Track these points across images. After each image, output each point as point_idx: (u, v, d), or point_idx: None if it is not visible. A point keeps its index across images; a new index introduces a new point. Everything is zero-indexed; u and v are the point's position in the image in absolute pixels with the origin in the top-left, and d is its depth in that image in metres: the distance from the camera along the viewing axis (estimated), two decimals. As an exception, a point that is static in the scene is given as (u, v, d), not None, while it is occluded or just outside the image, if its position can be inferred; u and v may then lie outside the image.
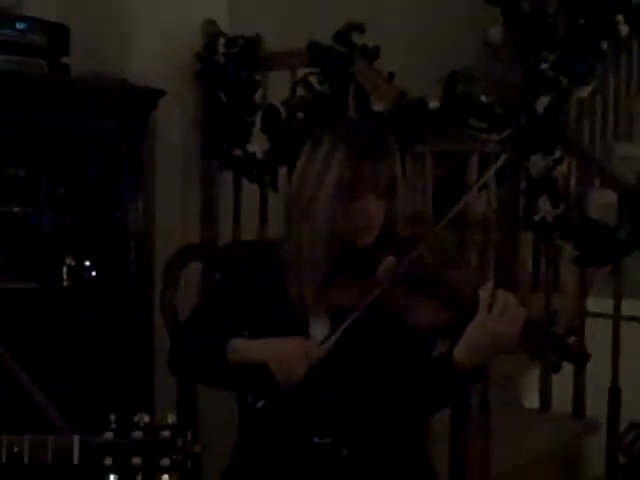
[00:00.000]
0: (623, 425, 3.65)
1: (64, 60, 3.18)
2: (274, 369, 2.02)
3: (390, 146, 2.16)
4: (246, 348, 2.09)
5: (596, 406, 3.98)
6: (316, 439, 2.13)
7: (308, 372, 2.04)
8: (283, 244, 2.19)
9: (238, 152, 3.51)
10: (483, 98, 3.17)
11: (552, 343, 2.00)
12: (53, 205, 3.19)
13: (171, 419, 1.73)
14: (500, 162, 2.15)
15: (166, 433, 1.71)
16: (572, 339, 2.02)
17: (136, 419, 1.71)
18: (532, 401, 4.18)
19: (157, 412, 1.76)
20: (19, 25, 3.08)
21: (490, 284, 1.99)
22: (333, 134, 2.14)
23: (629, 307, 3.86)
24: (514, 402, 4.11)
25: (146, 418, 1.71)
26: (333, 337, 2.03)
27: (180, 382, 2.43)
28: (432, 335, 2.14)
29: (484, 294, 1.97)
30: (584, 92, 4.40)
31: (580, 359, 2.05)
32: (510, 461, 3.48)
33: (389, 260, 2.07)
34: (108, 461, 1.69)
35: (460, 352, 2.01)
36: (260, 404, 2.08)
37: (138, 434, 1.70)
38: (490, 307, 1.96)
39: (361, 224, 2.11)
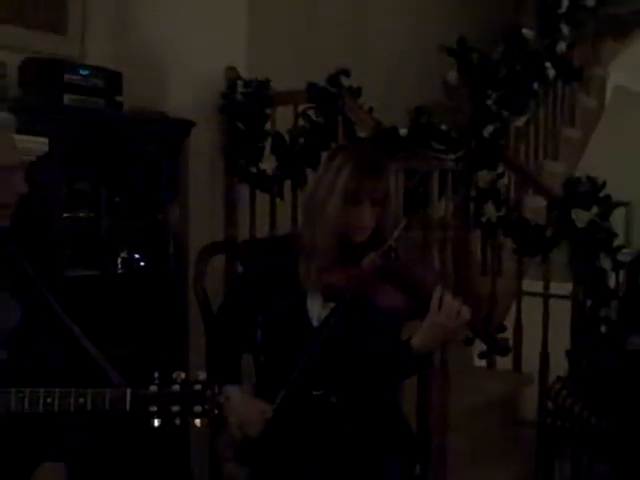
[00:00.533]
0: (551, 378, 3.65)
1: (118, 98, 3.16)
2: (234, 430, 2.08)
3: (387, 167, 2.19)
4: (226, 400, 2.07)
5: (530, 364, 3.98)
6: (314, 392, 2.15)
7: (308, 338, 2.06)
8: (302, 234, 2.21)
9: (253, 169, 3.51)
10: (442, 126, 3.17)
11: (484, 337, 2.02)
12: (110, 210, 3.18)
13: (202, 376, 1.74)
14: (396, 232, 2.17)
15: (198, 386, 1.72)
16: (500, 336, 2.03)
17: (174, 376, 1.72)
18: (481, 360, 4.18)
19: (191, 370, 1.76)
20: (83, 72, 3.07)
21: (440, 290, 2.00)
22: (345, 153, 2.18)
23: (555, 288, 3.86)
24: (467, 362, 4.11)
25: (182, 375, 1.72)
26: (279, 396, 2.07)
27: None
28: (397, 316, 2.16)
29: (435, 299, 1.98)
30: (520, 122, 4.40)
31: (503, 351, 2.06)
32: (464, 407, 3.49)
33: (371, 255, 2.09)
34: (153, 408, 1.71)
35: (416, 341, 2.07)
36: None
37: (176, 387, 1.72)
38: (439, 309, 1.98)
39: (357, 225, 2.13)
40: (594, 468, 3.57)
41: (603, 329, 3.54)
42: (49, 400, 1.71)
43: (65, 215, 2.99)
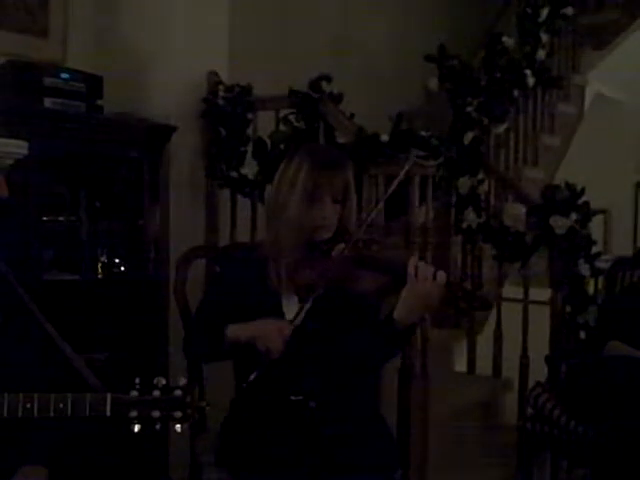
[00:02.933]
0: (531, 384, 3.65)
1: (98, 102, 3.16)
2: (259, 345, 2.02)
3: (344, 162, 2.18)
4: (237, 330, 2.09)
5: (510, 369, 4.00)
6: (292, 397, 2.14)
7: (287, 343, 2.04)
8: (265, 237, 2.20)
9: (234, 174, 3.50)
10: (423, 133, 3.18)
11: (462, 295, 2.01)
12: (90, 215, 3.17)
13: (182, 381, 1.73)
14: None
15: (178, 392, 1.71)
16: (478, 292, 2.04)
17: (155, 381, 1.71)
18: (461, 366, 4.20)
19: (171, 375, 1.75)
20: (64, 75, 3.07)
21: (415, 258, 1.99)
22: (301, 154, 2.17)
23: (534, 294, 3.88)
24: (447, 367, 4.12)
25: (163, 381, 1.71)
26: (300, 315, 2.03)
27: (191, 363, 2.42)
28: (375, 298, 2.15)
29: (410, 266, 1.97)
30: (500, 129, 4.42)
31: (484, 306, 2.06)
32: (445, 413, 3.49)
33: (340, 246, 2.09)
34: (133, 414, 1.69)
35: (399, 312, 2.03)
36: (252, 376, 2.06)
37: (157, 393, 1.70)
38: (416, 276, 1.97)
39: (320, 222, 2.12)
40: (573, 473, 3.58)
41: (582, 335, 3.56)
42: (28, 405, 1.70)
43: (45, 219, 2.98)
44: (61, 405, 1.70)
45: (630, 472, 3.00)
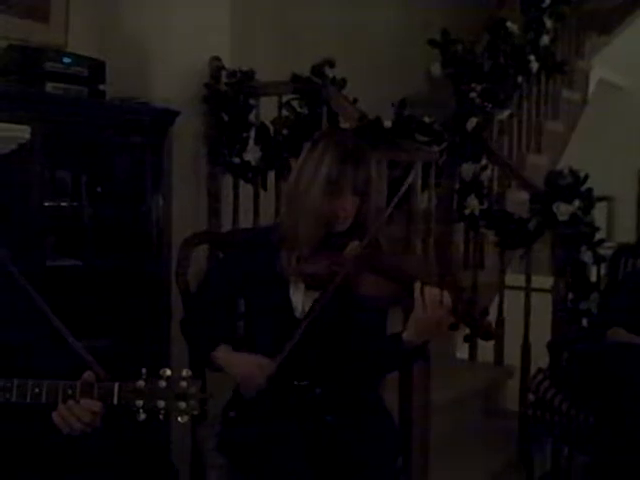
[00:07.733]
0: (532, 371, 3.66)
1: (101, 87, 3.14)
2: (241, 385, 2.11)
3: (367, 155, 2.19)
4: (223, 360, 2.16)
5: (512, 356, 4.01)
6: (296, 382, 2.15)
7: (295, 331, 2.06)
8: (282, 222, 2.21)
9: (236, 160, 3.49)
10: (426, 118, 3.17)
11: (468, 321, 2.01)
12: (92, 200, 3.16)
13: (186, 373, 1.75)
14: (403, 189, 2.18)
15: (184, 383, 1.73)
16: (484, 320, 2.01)
17: (161, 372, 1.73)
18: (463, 352, 4.21)
19: (172, 362, 1.77)
20: (66, 60, 3.05)
21: (419, 283, 1.99)
22: (326, 141, 2.17)
23: (537, 281, 3.88)
24: (449, 353, 4.13)
25: (168, 371, 1.73)
26: (285, 350, 2.05)
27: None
28: (381, 304, 2.16)
29: (417, 293, 1.97)
30: (503, 115, 4.41)
31: (486, 335, 2.03)
32: (446, 399, 3.50)
33: (354, 244, 2.09)
34: (139, 403, 1.71)
35: (408, 334, 2.06)
36: (231, 414, 2.16)
37: (162, 383, 1.72)
38: (424, 300, 1.97)
39: (339, 214, 2.13)
40: (574, 460, 3.60)
41: (584, 322, 3.57)
42: (37, 390, 1.72)
43: (47, 204, 2.97)
44: (69, 392, 1.72)
45: (631, 459, 3.02)
